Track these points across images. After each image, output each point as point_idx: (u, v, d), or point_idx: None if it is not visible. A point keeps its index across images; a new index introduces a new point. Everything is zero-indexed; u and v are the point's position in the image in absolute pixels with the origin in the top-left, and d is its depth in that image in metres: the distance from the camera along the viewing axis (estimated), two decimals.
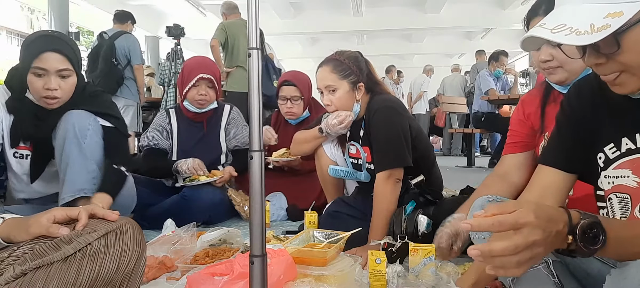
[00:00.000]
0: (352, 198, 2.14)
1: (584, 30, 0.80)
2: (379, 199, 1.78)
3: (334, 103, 1.90)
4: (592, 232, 0.74)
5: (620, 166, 0.96)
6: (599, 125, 1.00)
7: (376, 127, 1.85)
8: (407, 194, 1.88)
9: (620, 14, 0.80)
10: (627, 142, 0.94)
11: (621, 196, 0.97)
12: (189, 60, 2.70)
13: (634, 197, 0.95)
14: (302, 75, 2.77)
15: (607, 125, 0.98)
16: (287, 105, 2.69)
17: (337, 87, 1.89)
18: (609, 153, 0.98)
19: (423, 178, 1.93)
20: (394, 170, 1.79)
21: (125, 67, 4.63)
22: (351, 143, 2.04)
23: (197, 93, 2.49)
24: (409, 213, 1.73)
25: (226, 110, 2.67)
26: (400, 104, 1.99)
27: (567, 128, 1.08)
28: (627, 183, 0.96)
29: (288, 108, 2.70)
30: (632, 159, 0.94)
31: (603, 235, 0.75)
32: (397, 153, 1.80)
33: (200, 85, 2.49)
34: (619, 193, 0.97)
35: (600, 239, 0.74)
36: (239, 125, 2.65)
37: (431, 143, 2.71)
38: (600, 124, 0.99)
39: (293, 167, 2.68)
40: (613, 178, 0.98)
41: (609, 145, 0.98)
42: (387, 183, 1.78)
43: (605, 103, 0.96)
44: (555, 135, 1.12)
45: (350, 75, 1.90)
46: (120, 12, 4.96)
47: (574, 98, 1.07)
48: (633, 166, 0.94)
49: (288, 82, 2.70)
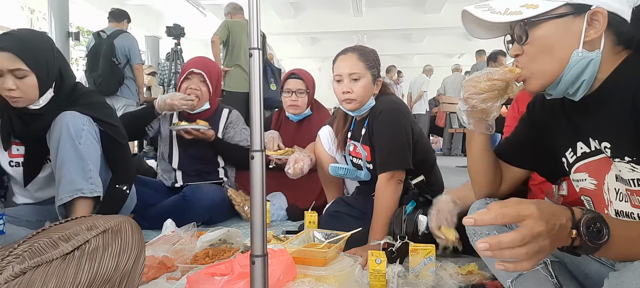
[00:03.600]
0: (352, 198, 2.15)
1: (498, 11, 0.88)
2: (380, 200, 1.78)
3: (355, 91, 1.87)
4: (596, 226, 0.75)
5: (578, 170, 0.98)
6: (559, 131, 1.03)
7: (380, 127, 1.85)
8: (407, 194, 1.88)
9: (536, 6, 0.86)
10: (582, 146, 0.96)
11: (586, 198, 1.01)
12: (190, 60, 2.69)
13: (594, 199, 0.97)
14: (307, 72, 2.78)
15: (566, 131, 1.00)
16: (291, 98, 2.67)
17: (361, 75, 1.87)
18: (569, 158, 1.00)
19: (423, 179, 1.93)
20: (396, 172, 1.80)
21: (125, 66, 4.63)
22: (352, 141, 2.04)
23: (188, 87, 2.48)
24: (409, 213, 1.74)
25: (225, 113, 2.64)
26: (405, 106, 2.00)
27: (527, 127, 1.15)
28: (586, 186, 0.98)
29: (292, 101, 2.67)
30: (588, 162, 0.96)
31: (607, 229, 0.75)
32: (400, 155, 1.81)
33: (191, 79, 2.48)
34: (585, 195, 1.00)
35: (604, 233, 0.75)
36: (237, 129, 2.62)
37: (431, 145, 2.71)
38: (560, 130, 1.02)
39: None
40: (576, 182, 1.00)
41: (568, 150, 1.00)
42: (389, 184, 1.78)
43: (564, 109, 1.00)
44: (513, 133, 1.20)
45: (373, 67, 1.90)
46: (115, 10, 4.94)
47: (539, 101, 1.11)
48: (589, 169, 0.96)
49: (294, 75, 2.70)
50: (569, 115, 0.99)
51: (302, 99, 2.68)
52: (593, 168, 0.95)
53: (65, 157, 1.73)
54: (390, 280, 1.40)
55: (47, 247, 0.91)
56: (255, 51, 0.83)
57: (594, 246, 0.75)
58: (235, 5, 4.80)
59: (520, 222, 0.71)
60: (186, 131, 2.43)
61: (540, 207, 0.72)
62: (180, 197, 2.35)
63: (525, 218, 0.71)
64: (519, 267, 0.72)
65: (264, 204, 0.84)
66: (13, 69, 1.65)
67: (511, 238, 0.70)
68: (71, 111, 1.77)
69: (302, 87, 2.67)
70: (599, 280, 1.02)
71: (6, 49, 1.64)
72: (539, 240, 0.70)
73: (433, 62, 10.19)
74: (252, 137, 0.84)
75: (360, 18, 10.71)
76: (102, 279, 0.91)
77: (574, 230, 0.74)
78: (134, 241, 0.97)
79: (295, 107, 2.69)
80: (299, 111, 2.71)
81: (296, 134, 2.76)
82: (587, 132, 0.94)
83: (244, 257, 1.27)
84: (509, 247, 0.70)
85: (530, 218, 0.71)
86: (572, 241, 0.75)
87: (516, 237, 0.70)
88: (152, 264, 1.53)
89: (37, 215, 1.91)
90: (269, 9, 9.92)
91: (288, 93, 2.68)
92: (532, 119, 1.13)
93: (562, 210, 0.75)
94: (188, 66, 2.52)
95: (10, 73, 1.65)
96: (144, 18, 9.89)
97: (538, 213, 0.71)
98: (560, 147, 1.03)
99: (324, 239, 1.56)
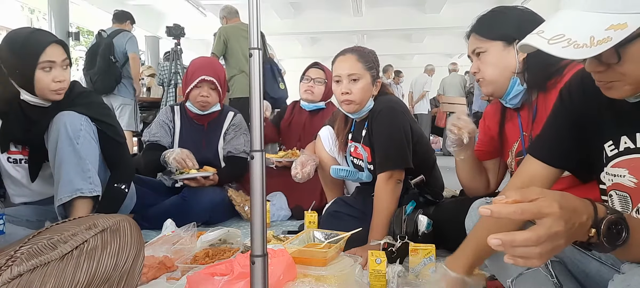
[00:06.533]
0: (352, 198, 2.14)
1: (583, 43, 0.75)
2: (379, 199, 1.78)
3: (354, 93, 1.86)
4: (617, 228, 0.72)
5: (617, 165, 0.94)
6: (599, 121, 0.97)
7: (379, 127, 1.85)
8: (407, 194, 1.88)
9: (624, 26, 0.74)
10: (626, 140, 0.93)
11: (621, 194, 0.96)
12: (195, 60, 2.68)
13: (633, 196, 0.94)
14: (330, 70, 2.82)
15: (608, 122, 0.96)
16: (309, 85, 2.77)
17: (360, 76, 1.86)
18: (607, 151, 0.96)
19: (423, 178, 1.93)
20: (395, 171, 1.79)
21: (123, 64, 4.62)
22: (353, 143, 2.04)
23: (199, 94, 2.49)
24: (409, 213, 1.74)
25: (229, 116, 2.65)
26: (403, 105, 2.00)
27: (564, 120, 1.05)
28: (623, 183, 0.94)
29: (309, 87, 2.77)
30: (630, 159, 0.92)
31: (627, 232, 0.73)
32: (399, 154, 1.80)
33: (202, 87, 2.49)
34: (618, 190, 0.96)
35: (622, 236, 0.72)
36: (238, 133, 2.62)
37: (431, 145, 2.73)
38: (601, 120, 0.97)
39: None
40: (611, 176, 0.96)
41: (608, 143, 0.96)
42: (388, 184, 1.78)
43: (607, 98, 0.91)
44: (549, 127, 1.09)
45: (372, 68, 1.90)
46: (119, 12, 4.95)
47: (575, 89, 1.03)
48: (630, 166, 0.92)
49: (317, 64, 2.85)
50: (613, 107, 0.94)
51: (318, 88, 2.78)
52: (635, 165, 0.91)
53: (64, 157, 1.74)
54: (390, 280, 1.40)
55: (46, 248, 0.91)
56: (255, 51, 0.83)
57: (609, 247, 0.72)
58: (231, 9, 4.74)
59: (539, 220, 0.68)
60: (193, 179, 2.37)
61: (563, 203, 0.69)
62: (180, 197, 2.36)
63: (545, 216, 0.68)
64: (530, 263, 0.69)
65: (264, 204, 0.84)
66: (64, 60, 1.77)
67: (526, 238, 0.67)
68: (69, 111, 1.78)
69: (321, 77, 2.77)
70: (600, 279, 1.02)
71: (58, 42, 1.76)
72: (554, 240, 0.68)
73: (433, 62, 10.17)
74: (252, 137, 0.84)
75: (360, 18, 10.69)
76: (101, 278, 0.91)
77: (593, 229, 0.71)
78: (133, 240, 0.97)
79: (310, 93, 2.78)
80: (313, 99, 2.79)
81: (307, 124, 2.83)
82: (634, 128, 0.91)
83: (244, 257, 1.27)
84: (523, 245, 0.67)
85: (550, 217, 0.67)
86: (588, 238, 0.72)
87: (531, 237, 0.67)
88: (152, 264, 1.53)
89: (37, 215, 1.91)
90: (269, 9, 9.92)
91: (307, 80, 2.78)
92: (569, 109, 1.04)
93: (585, 205, 0.72)
94: (196, 72, 2.49)
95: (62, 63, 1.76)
96: (144, 18, 9.87)
97: (559, 212, 0.67)
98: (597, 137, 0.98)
99: (324, 239, 1.56)
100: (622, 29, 0.74)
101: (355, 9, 10.00)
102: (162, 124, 2.61)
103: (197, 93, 2.49)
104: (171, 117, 2.64)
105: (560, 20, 0.81)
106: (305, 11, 10.89)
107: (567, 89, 1.06)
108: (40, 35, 1.74)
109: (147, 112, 5.80)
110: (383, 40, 13.63)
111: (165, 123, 2.61)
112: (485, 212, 0.70)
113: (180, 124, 2.62)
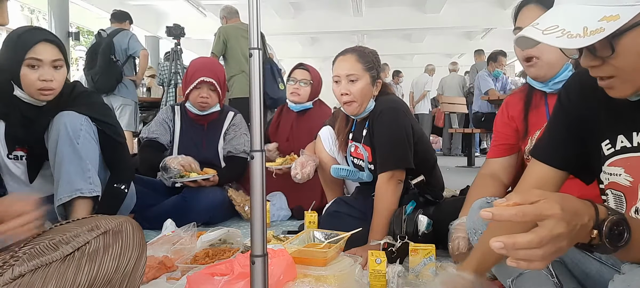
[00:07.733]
0: (352, 198, 2.14)
1: (576, 33, 0.77)
2: (380, 199, 1.78)
3: (353, 94, 1.86)
4: (618, 229, 0.72)
5: (613, 164, 0.95)
6: (596, 120, 0.98)
7: (380, 127, 1.85)
8: (407, 194, 1.88)
9: (616, 17, 0.77)
10: (622, 139, 0.93)
11: (616, 193, 0.96)
12: (195, 61, 2.68)
13: (627, 195, 0.94)
14: (314, 68, 2.85)
15: (605, 121, 0.96)
16: (294, 86, 2.76)
17: (359, 77, 1.86)
18: (604, 150, 0.96)
19: (423, 178, 1.93)
20: (396, 171, 1.79)
21: (124, 63, 4.62)
22: (353, 142, 2.04)
23: (198, 95, 2.49)
24: (409, 213, 1.73)
25: (229, 116, 2.66)
26: (405, 105, 2.00)
27: (563, 121, 1.06)
28: (619, 182, 0.94)
29: (294, 89, 2.75)
30: (626, 157, 0.92)
31: (629, 233, 0.73)
32: (400, 154, 1.80)
33: (201, 88, 2.49)
34: (614, 190, 0.96)
35: (624, 237, 0.72)
36: (238, 133, 2.62)
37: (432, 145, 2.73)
38: (598, 119, 0.98)
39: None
40: (608, 175, 0.96)
41: (605, 141, 0.96)
42: (389, 184, 1.78)
43: (605, 98, 0.92)
44: (549, 129, 1.10)
45: (372, 69, 1.90)
46: (117, 11, 4.95)
47: (573, 90, 1.04)
48: (626, 165, 0.92)
49: (302, 65, 2.81)
50: (611, 106, 0.94)
51: (304, 89, 2.74)
52: (631, 164, 0.91)
53: (64, 157, 1.74)
54: (390, 280, 1.40)
55: (47, 249, 0.91)
56: (255, 51, 0.83)
57: (611, 249, 0.72)
58: (231, 9, 4.74)
59: (540, 222, 0.68)
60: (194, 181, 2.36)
61: (564, 204, 0.69)
62: (180, 197, 2.36)
63: (547, 218, 0.68)
64: (532, 266, 0.69)
65: (264, 204, 0.84)
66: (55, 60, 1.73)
67: (528, 240, 0.67)
68: (69, 111, 1.78)
69: (307, 78, 2.74)
70: (600, 279, 1.02)
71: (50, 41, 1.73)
72: (557, 242, 0.68)
73: (433, 62, 10.17)
74: (252, 137, 0.84)
75: (360, 18, 10.69)
76: (103, 281, 0.90)
77: (595, 230, 0.71)
78: (135, 242, 0.96)
79: (296, 94, 2.75)
80: (299, 100, 2.76)
81: (295, 124, 2.81)
82: (630, 127, 0.91)
83: (244, 257, 1.27)
84: (525, 248, 0.67)
85: (552, 219, 0.67)
86: (590, 240, 0.72)
87: (534, 239, 0.67)
88: (152, 264, 1.53)
89: None
90: (269, 9, 9.92)
91: (293, 81, 2.77)
92: (568, 110, 1.05)
93: (586, 207, 0.72)
94: (196, 73, 2.49)
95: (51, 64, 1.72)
96: (144, 18, 9.88)
97: (560, 214, 0.67)
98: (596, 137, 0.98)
99: (324, 239, 1.56)
100: (614, 20, 0.76)
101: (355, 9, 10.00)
102: (162, 122, 2.62)
103: (197, 94, 2.49)
104: (171, 117, 2.64)
105: (555, 14, 0.83)
106: (305, 11, 10.89)
107: (565, 90, 1.07)
108: (33, 32, 1.73)
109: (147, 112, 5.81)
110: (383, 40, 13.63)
111: (165, 122, 2.62)
112: (486, 215, 0.70)
113: (181, 124, 2.62)
